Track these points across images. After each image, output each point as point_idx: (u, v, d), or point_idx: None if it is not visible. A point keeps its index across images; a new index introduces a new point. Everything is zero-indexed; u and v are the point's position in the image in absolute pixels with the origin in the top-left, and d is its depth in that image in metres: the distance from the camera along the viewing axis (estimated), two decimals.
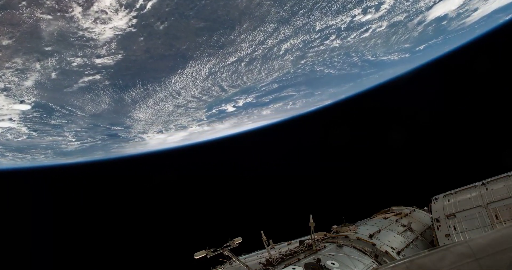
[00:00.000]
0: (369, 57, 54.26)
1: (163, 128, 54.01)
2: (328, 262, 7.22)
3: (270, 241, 11.31)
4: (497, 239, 3.51)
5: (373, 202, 16.97)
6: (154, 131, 53.89)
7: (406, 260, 3.73)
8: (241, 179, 55.66)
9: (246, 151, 69.58)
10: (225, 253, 7.19)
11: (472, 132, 38.12)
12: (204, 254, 7.01)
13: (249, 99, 55.61)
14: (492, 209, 8.81)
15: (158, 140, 59.39)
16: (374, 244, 9.26)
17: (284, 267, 7.30)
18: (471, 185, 10.33)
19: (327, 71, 55.57)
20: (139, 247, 40.84)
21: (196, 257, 7.00)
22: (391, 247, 9.29)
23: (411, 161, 39.40)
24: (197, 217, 44.36)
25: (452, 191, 10.67)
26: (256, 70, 43.41)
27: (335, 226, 10.67)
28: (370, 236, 9.65)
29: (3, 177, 49.58)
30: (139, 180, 61.07)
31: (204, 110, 51.59)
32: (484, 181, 9.99)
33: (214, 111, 53.99)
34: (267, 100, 61.25)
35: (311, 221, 8.14)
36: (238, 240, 7.45)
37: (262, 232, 8.64)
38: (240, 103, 55.25)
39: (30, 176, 52.96)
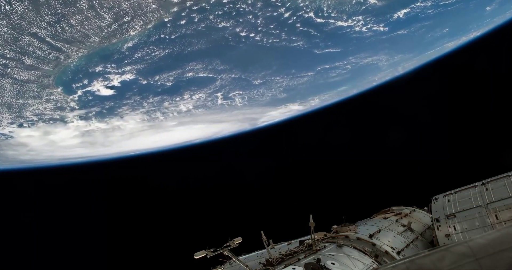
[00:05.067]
0: (311, 14, 33.85)
1: (17, 117, 40.02)
2: (328, 262, 7.23)
3: (270, 241, 11.34)
4: (497, 239, 3.51)
5: (373, 202, 16.97)
6: (9, 124, 40.97)
7: (406, 260, 3.73)
8: (241, 180, 55.66)
9: (246, 152, 69.62)
10: (225, 253, 7.21)
11: (472, 132, 38.11)
12: (204, 254, 7.03)
13: (128, 76, 37.80)
14: (492, 209, 8.81)
15: (38, 140, 45.87)
16: (374, 244, 9.27)
17: (284, 267, 7.32)
18: (471, 185, 10.33)
19: (243, 33, 35.13)
20: (139, 248, 40.88)
21: (196, 257, 7.01)
22: (391, 247, 9.29)
23: (411, 161, 39.37)
24: (197, 217, 44.39)
25: (452, 191, 10.67)
26: (83, 4, 26.46)
27: (335, 226, 10.68)
28: (370, 236, 9.65)
29: None
30: None
31: (59, 90, 37.29)
32: (484, 181, 10.00)
33: (80, 93, 38.47)
34: (168, 84, 42.62)
35: (311, 221, 8.15)
36: (238, 240, 7.46)
37: (262, 232, 8.65)
38: (115, 82, 38.47)
39: None
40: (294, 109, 69.40)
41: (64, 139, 49.27)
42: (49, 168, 57.21)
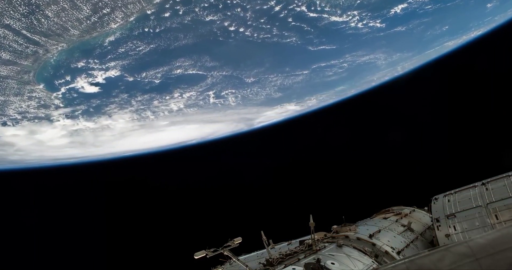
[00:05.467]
0: (303, 7, 32.26)
1: (0, 116, 38.17)
2: (328, 262, 7.23)
3: (270, 241, 11.34)
4: (497, 239, 3.51)
5: (373, 202, 16.97)
6: None
7: (406, 260, 3.73)
8: (241, 180, 55.63)
9: (245, 152, 69.56)
10: (225, 253, 7.21)
11: (472, 132, 38.10)
12: (204, 254, 7.03)
13: (113, 72, 36.10)
14: (492, 209, 8.81)
15: (24, 140, 44.36)
16: (374, 244, 9.26)
17: (284, 267, 7.32)
18: (471, 185, 10.33)
19: (232, 28, 33.16)
20: (139, 247, 40.86)
21: (196, 257, 7.01)
22: (391, 247, 9.29)
23: (411, 161, 39.37)
24: (196, 218, 44.38)
25: (452, 191, 10.67)
26: None
27: (335, 226, 10.68)
28: (370, 236, 9.65)
29: None
30: None
31: (41, 86, 35.90)
32: (484, 181, 9.99)
33: (63, 90, 37.11)
34: (156, 81, 40.63)
35: (311, 221, 8.15)
36: (238, 240, 7.47)
37: (262, 232, 8.65)
38: (100, 78, 36.84)
39: None
40: (291, 109, 67.75)
41: (52, 139, 47.79)
42: (41, 169, 56.34)
